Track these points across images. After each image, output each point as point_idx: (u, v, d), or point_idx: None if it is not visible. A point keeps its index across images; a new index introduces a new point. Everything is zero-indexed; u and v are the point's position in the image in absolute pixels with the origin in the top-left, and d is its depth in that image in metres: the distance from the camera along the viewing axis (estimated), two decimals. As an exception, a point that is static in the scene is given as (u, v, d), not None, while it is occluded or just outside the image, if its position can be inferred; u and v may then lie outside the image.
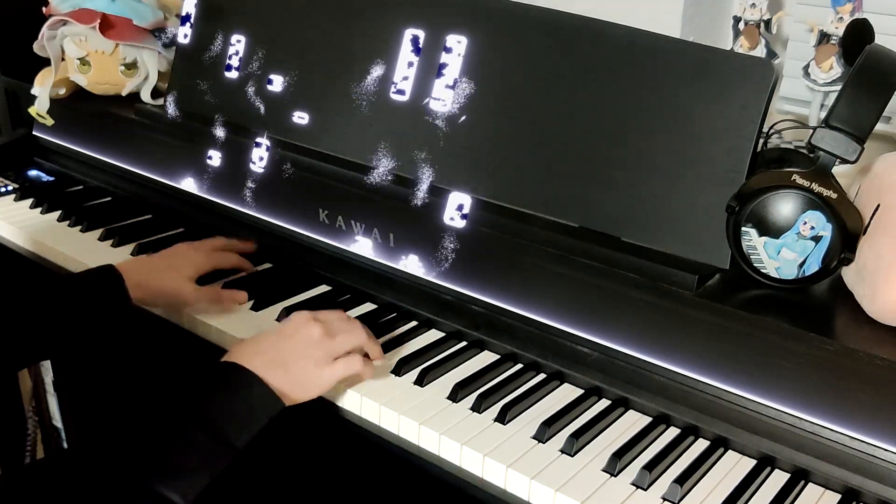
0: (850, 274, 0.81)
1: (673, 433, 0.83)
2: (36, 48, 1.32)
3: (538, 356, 0.91)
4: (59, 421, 1.54)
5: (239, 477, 0.79)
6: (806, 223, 0.77)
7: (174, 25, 1.34)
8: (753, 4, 1.40)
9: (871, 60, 0.77)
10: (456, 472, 0.80)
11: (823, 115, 0.84)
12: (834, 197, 0.77)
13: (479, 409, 0.84)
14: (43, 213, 1.27)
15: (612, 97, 0.89)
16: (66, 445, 1.56)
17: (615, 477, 0.77)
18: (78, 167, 1.39)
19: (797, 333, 0.76)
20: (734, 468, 0.79)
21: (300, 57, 1.11)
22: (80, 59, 1.31)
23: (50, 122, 1.34)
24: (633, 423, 0.84)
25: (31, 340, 0.91)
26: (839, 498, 0.75)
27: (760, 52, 1.41)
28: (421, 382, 0.88)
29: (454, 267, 0.96)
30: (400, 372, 0.90)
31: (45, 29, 1.29)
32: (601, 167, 0.90)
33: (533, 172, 0.94)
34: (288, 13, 1.13)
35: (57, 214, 1.26)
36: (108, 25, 1.28)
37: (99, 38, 1.28)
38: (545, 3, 0.98)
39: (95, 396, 1.46)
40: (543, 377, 0.90)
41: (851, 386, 0.74)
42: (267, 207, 1.13)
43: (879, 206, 0.77)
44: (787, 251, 0.79)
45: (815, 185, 0.77)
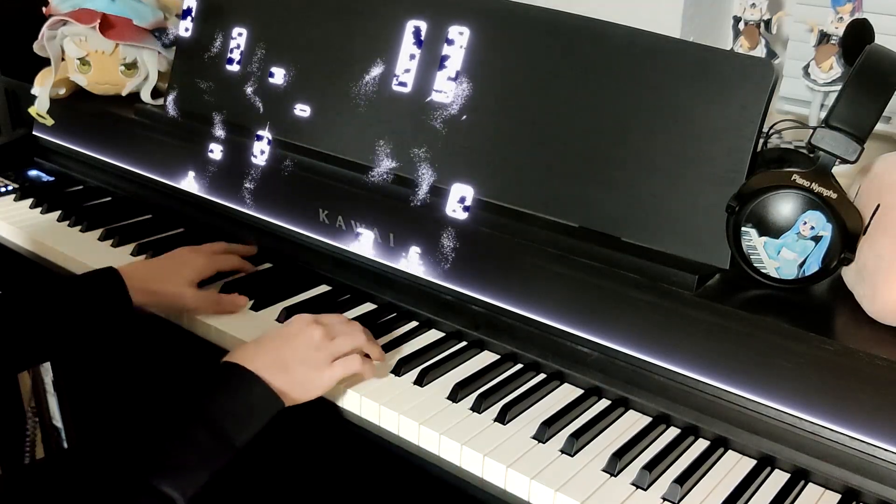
0: (850, 274, 0.81)
1: (673, 433, 0.83)
2: (36, 48, 1.32)
3: (538, 356, 0.91)
4: (59, 421, 1.54)
5: (239, 477, 0.79)
6: (806, 223, 0.77)
7: (174, 25, 1.34)
8: (753, 4, 1.40)
9: (871, 60, 0.77)
10: (456, 472, 0.80)
11: (823, 115, 0.84)
12: (834, 197, 0.77)
13: (478, 409, 0.84)
14: (43, 213, 1.27)
15: (612, 97, 0.89)
16: (66, 445, 1.56)
17: (615, 477, 0.77)
18: (78, 167, 1.39)
19: (797, 333, 0.76)
20: (734, 468, 0.79)
21: (302, 51, 1.11)
22: (80, 59, 1.31)
23: (50, 122, 1.34)
24: (633, 423, 0.84)
25: (32, 342, 0.91)
26: (839, 498, 0.75)
27: (760, 52, 1.41)
28: (421, 382, 0.88)
29: (454, 267, 0.96)
30: (400, 372, 0.90)
31: (45, 29, 1.29)
32: (601, 167, 0.90)
33: (533, 172, 0.94)
34: (290, 5, 1.13)
35: (57, 214, 1.26)
36: (108, 25, 1.28)
37: (99, 38, 1.28)
38: (545, 3, 0.98)
39: (95, 396, 1.46)
40: (543, 377, 0.90)
41: (851, 386, 0.74)
42: (267, 207, 1.13)
43: (879, 206, 0.77)
44: (787, 251, 0.79)
45: (815, 185, 0.77)
